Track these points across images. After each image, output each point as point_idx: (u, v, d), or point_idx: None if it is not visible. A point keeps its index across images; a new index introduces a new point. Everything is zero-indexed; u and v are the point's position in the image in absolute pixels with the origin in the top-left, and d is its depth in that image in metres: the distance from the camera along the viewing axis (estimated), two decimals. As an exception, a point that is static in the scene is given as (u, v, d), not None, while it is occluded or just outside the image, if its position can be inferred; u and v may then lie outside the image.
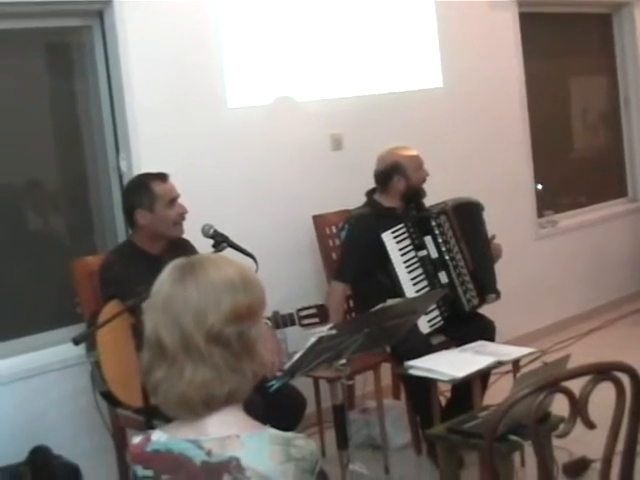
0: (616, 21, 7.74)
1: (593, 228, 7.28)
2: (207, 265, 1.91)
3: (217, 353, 1.85)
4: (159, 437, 1.93)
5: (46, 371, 4.46)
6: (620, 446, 2.43)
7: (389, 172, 4.92)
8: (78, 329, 4.43)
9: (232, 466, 1.82)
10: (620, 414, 2.40)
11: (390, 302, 3.49)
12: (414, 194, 4.95)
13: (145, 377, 1.92)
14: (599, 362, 2.38)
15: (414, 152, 4.99)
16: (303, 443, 1.88)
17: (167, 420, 3.57)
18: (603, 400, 2.49)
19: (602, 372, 2.35)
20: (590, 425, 2.33)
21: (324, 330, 3.18)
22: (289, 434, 1.90)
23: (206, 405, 1.87)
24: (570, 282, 7.04)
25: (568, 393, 2.29)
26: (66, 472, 4.20)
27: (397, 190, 4.92)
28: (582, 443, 2.31)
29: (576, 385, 2.31)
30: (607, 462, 2.43)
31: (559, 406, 2.35)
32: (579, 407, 2.30)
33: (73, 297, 4.53)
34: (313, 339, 3.15)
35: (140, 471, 1.92)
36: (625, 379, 2.39)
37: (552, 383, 2.31)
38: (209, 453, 1.85)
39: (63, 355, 4.47)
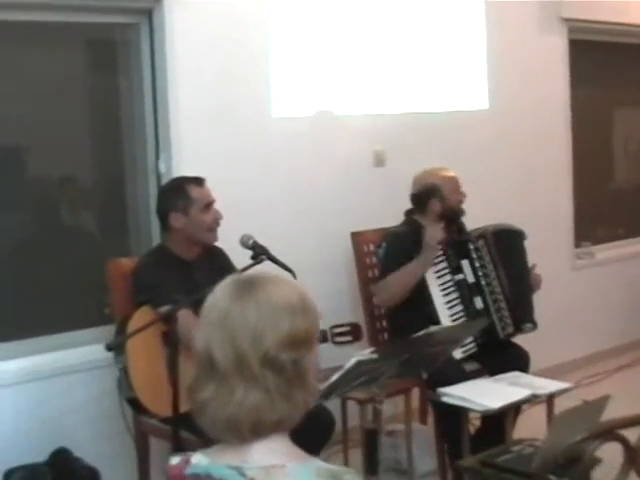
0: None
1: (630, 261, 7.16)
2: (268, 284, 1.82)
3: (270, 378, 1.76)
4: (199, 460, 1.83)
5: (71, 371, 4.38)
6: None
7: (426, 194, 4.83)
8: (106, 331, 4.39)
9: (276, 496, 1.73)
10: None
11: (433, 329, 3.40)
12: (452, 216, 4.85)
13: (191, 394, 1.83)
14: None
15: (451, 173, 4.90)
16: (350, 478, 1.79)
17: (195, 432, 3.51)
18: None
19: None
20: (644, 476, 2.24)
21: (365, 353, 3.09)
22: (337, 468, 1.80)
23: (254, 430, 1.78)
24: (604, 315, 6.92)
25: (624, 442, 2.20)
26: (86, 475, 4.13)
27: (434, 212, 4.83)
28: None
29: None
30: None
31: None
32: (635, 456, 2.21)
33: (103, 298, 4.47)
34: (353, 361, 3.07)
35: (179, 495, 1.83)
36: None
37: (608, 431, 2.21)
38: None
39: (90, 356, 4.40)
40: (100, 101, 4.86)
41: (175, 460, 1.87)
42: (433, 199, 4.81)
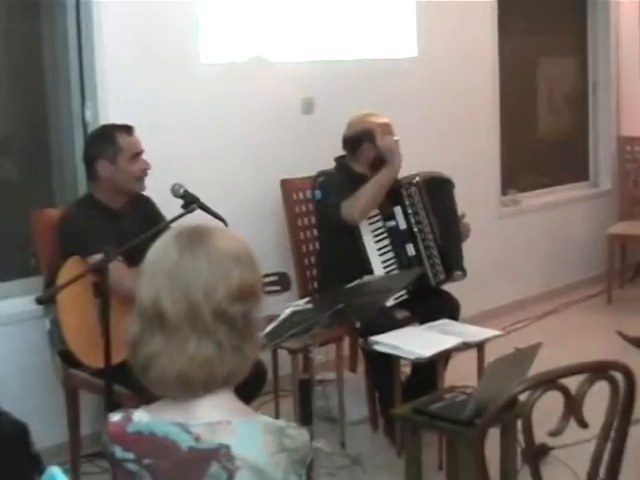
0: (590, 3, 7.66)
1: (554, 209, 7.23)
2: (214, 235, 1.79)
3: (222, 331, 1.73)
4: (141, 417, 1.79)
5: (-5, 324, 4.29)
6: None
7: (359, 138, 4.80)
8: (32, 282, 4.31)
9: (221, 454, 1.70)
10: (613, 414, 2.33)
11: (367, 279, 3.39)
12: (383, 162, 4.83)
13: (133, 349, 1.77)
14: (596, 361, 2.30)
15: (385, 119, 4.87)
16: (296, 433, 1.77)
17: (129, 386, 3.46)
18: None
19: (600, 371, 2.27)
20: (583, 424, 2.26)
21: (300, 303, 3.06)
22: (282, 422, 1.78)
23: (206, 385, 1.75)
24: (529, 263, 7.00)
25: (565, 391, 2.21)
26: (14, 430, 4.04)
27: (366, 157, 4.80)
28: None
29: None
30: (597, 461, 2.36)
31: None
32: (574, 406, 2.22)
33: (27, 249, 4.37)
34: (288, 312, 3.04)
35: (119, 453, 1.78)
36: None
37: (550, 380, 2.22)
38: (197, 439, 1.72)
39: (16, 309, 4.30)
40: (22, 46, 4.70)
41: (115, 417, 1.82)
42: (366, 143, 4.79)
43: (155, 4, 4.73)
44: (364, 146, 4.79)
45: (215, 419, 1.74)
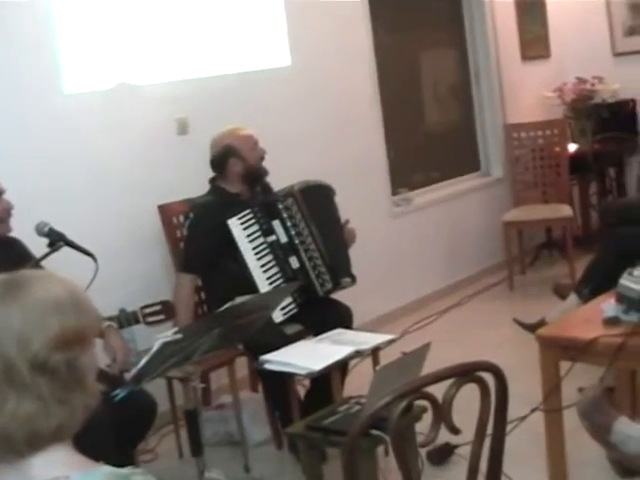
0: (464, -6, 7.70)
1: (448, 204, 7.22)
2: (33, 283, 1.66)
3: (43, 383, 1.60)
4: (-26, 484, 1.67)
5: None
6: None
7: (224, 156, 4.72)
8: None
9: (62, 511, 1.59)
10: (486, 415, 2.28)
11: (239, 300, 3.30)
12: (254, 175, 4.76)
13: None
14: (461, 364, 2.24)
15: (246, 132, 4.79)
16: (142, 479, 1.66)
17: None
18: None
19: (466, 374, 2.21)
20: (454, 431, 2.20)
21: (168, 334, 2.95)
22: (125, 471, 1.67)
23: (30, 443, 1.62)
24: (427, 259, 6.98)
25: (431, 399, 2.15)
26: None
27: (235, 173, 4.73)
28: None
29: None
30: (474, 469, 2.30)
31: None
32: (442, 413, 2.16)
33: None
34: (157, 345, 2.94)
35: (-52, 525, 1.66)
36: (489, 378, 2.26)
37: (414, 390, 2.16)
38: None
39: None
40: None
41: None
42: (232, 159, 4.70)
43: (10, 39, 4.57)
44: (230, 162, 4.71)
45: (51, 475, 1.63)
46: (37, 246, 3.83)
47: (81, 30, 4.85)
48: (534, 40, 8.13)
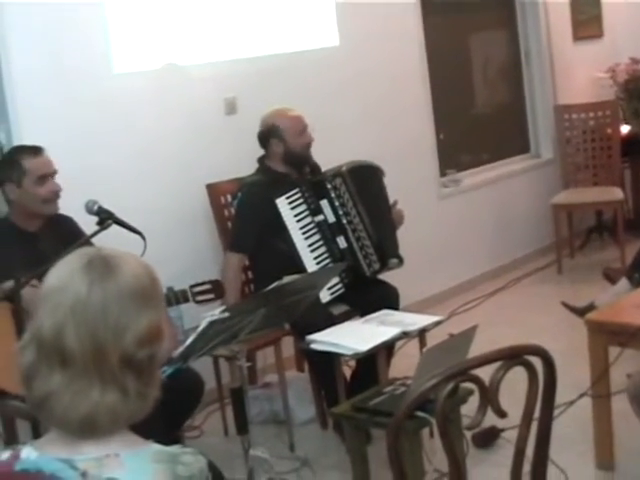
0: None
1: (496, 185, 7.15)
2: (121, 264, 1.65)
3: (129, 377, 1.62)
4: (29, 454, 1.67)
5: None
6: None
7: (266, 135, 4.72)
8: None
9: (111, 488, 1.60)
10: (533, 399, 2.26)
11: (287, 279, 3.29)
12: (294, 160, 4.73)
13: (28, 382, 1.64)
14: (510, 347, 2.22)
15: (295, 114, 4.77)
16: (191, 459, 1.66)
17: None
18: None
19: (513, 357, 2.19)
20: (501, 414, 2.18)
21: (216, 313, 2.96)
22: (176, 449, 1.68)
23: (111, 429, 1.64)
24: (475, 241, 6.93)
25: (478, 382, 2.13)
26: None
27: (276, 154, 4.73)
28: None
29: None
30: (521, 452, 2.28)
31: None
32: (489, 396, 2.14)
33: None
34: (204, 323, 2.95)
35: (9, 494, 1.68)
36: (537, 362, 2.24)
37: (461, 372, 2.14)
38: (84, 474, 1.60)
39: None
40: None
41: (4, 455, 1.71)
42: (273, 139, 4.70)
43: (61, 19, 4.59)
44: (272, 142, 4.70)
45: (102, 453, 1.63)
46: (86, 224, 3.87)
47: (130, 10, 4.87)
48: (587, 20, 8.02)
